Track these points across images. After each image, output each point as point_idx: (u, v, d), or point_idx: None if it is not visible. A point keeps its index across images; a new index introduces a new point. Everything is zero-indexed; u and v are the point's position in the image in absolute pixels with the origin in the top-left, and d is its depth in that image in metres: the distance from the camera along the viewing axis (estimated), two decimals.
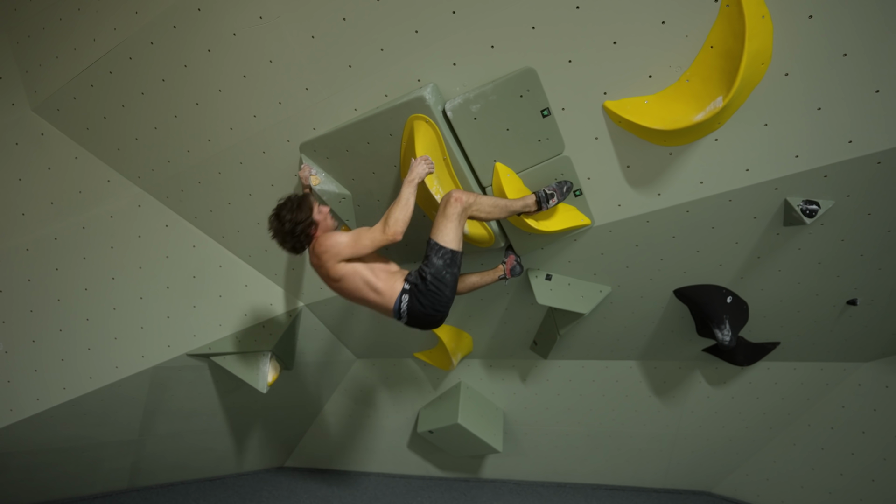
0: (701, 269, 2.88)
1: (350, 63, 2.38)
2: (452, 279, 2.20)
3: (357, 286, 2.26)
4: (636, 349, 3.73)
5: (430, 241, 2.21)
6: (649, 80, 2.12)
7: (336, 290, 2.37)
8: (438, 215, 2.20)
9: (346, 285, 2.27)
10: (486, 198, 2.26)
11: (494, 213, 2.27)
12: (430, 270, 2.18)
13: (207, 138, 2.85)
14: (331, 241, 2.23)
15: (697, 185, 2.37)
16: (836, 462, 3.84)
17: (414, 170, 2.22)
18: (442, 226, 2.18)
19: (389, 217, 2.16)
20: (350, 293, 2.30)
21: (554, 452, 4.64)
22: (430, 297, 2.20)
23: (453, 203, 2.17)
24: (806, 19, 1.86)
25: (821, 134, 2.10)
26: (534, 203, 2.34)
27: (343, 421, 4.82)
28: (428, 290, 2.19)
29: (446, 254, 2.17)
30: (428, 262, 2.19)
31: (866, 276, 2.74)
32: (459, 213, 2.17)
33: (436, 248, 2.18)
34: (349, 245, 2.21)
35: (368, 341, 3.95)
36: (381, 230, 2.17)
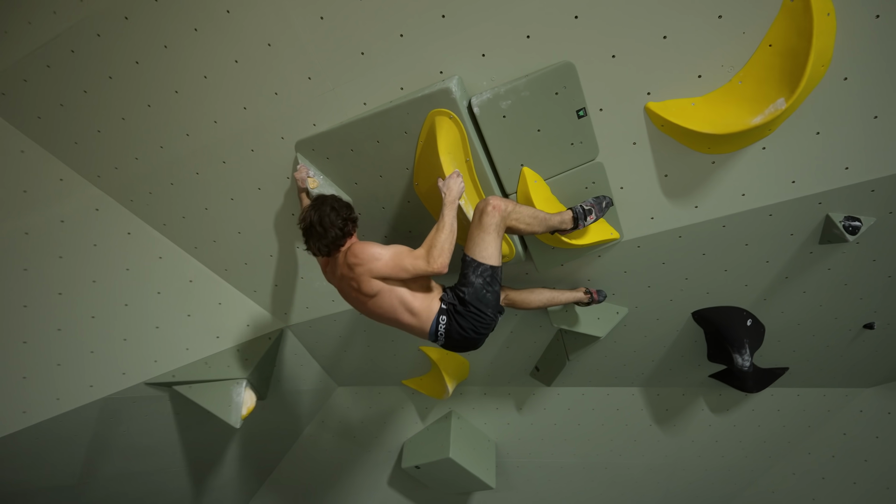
0: (725, 290, 2.71)
1: (363, 50, 2.10)
2: (494, 298, 1.96)
3: (392, 305, 1.98)
4: (641, 375, 3.53)
5: (465, 258, 1.97)
6: (698, 80, 1.95)
7: (360, 306, 2.06)
8: (473, 227, 1.96)
9: (379, 303, 1.99)
10: (526, 207, 2.02)
11: (533, 226, 2.03)
12: (468, 290, 1.94)
13: (186, 132, 2.48)
14: (368, 253, 1.93)
15: (739, 198, 2.20)
16: (838, 492, 3.73)
17: (453, 188, 1.98)
18: (479, 239, 1.93)
19: (434, 246, 1.90)
20: (381, 312, 2.02)
21: (547, 486, 4.35)
22: (470, 320, 1.96)
23: (490, 212, 1.92)
24: (872, 19, 1.74)
25: (874, 144, 1.98)
26: (570, 220, 2.14)
27: (317, 456, 4.36)
28: (468, 311, 1.95)
29: (485, 271, 1.92)
30: (465, 281, 1.95)
31: (888, 298, 2.64)
32: (498, 224, 1.93)
33: (473, 266, 1.93)
34: (388, 264, 1.93)
35: (354, 367, 3.57)
36: (424, 260, 1.90)
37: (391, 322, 2.05)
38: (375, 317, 2.08)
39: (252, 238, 2.79)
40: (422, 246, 1.93)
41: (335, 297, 2.96)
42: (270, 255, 2.86)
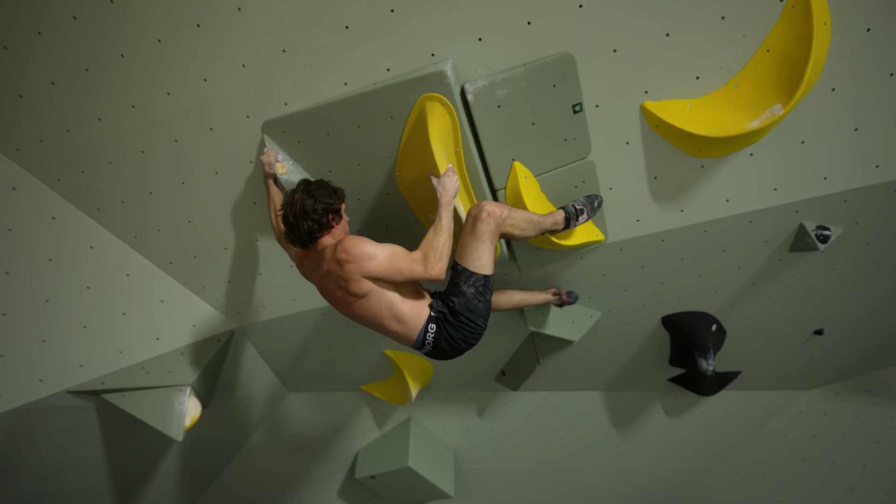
0: (696, 295, 2.74)
1: (348, 24, 1.91)
2: (485, 308, 1.84)
3: (379, 310, 1.80)
4: (604, 379, 3.53)
5: (457, 267, 1.84)
6: (696, 81, 1.93)
7: (343, 307, 1.87)
8: (466, 234, 1.84)
9: (365, 306, 1.80)
10: (520, 212, 1.92)
11: (527, 231, 1.94)
12: (459, 300, 1.81)
13: (131, 104, 2.17)
14: (361, 250, 1.73)
15: (723, 203, 2.21)
16: (778, 489, 3.91)
17: (449, 188, 1.86)
18: (472, 247, 1.81)
19: (433, 250, 1.76)
20: (366, 316, 1.83)
21: (503, 493, 4.28)
22: (460, 330, 1.83)
23: (485, 219, 1.81)
24: (863, 32, 1.78)
25: (852, 156, 2.04)
26: (563, 220, 2.06)
27: (262, 468, 4.04)
28: (459, 322, 1.82)
29: (478, 280, 1.81)
30: (456, 291, 1.82)
31: (840, 306, 2.78)
32: (493, 231, 1.82)
33: (465, 275, 1.81)
34: (382, 265, 1.74)
35: (310, 371, 3.32)
36: (422, 264, 1.75)
37: (376, 327, 1.88)
38: (358, 319, 1.90)
39: (204, 228, 2.50)
40: (418, 249, 1.78)
41: (297, 296, 2.72)
42: (225, 248, 2.57)
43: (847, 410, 3.47)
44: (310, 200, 1.78)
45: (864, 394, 3.38)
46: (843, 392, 3.46)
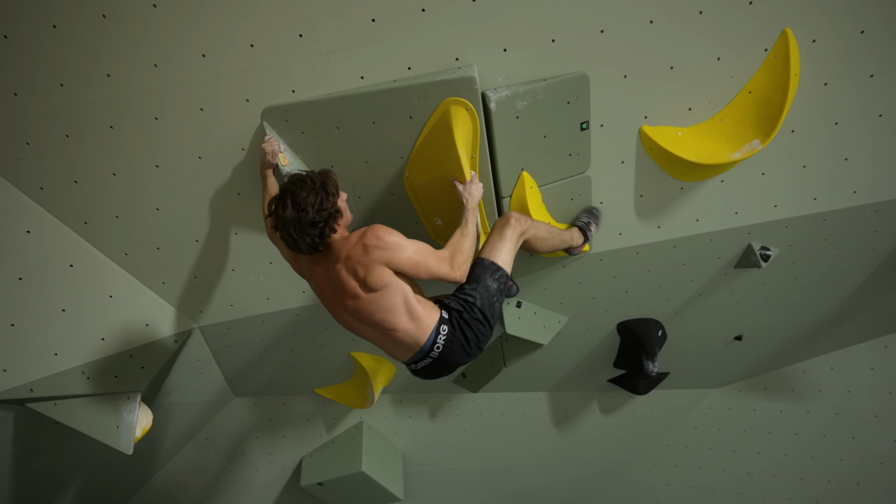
0: (651, 304, 3.02)
1: (375, 17, 1.85)
2: (498, 312, 1.85)
3: (394, 304, 1.68)
4: (554, 380, 3.74)
5: (482, 261, 1.83)
6: (688, 112, 2.14)
7: (346, 300, 1.71)
8: (493, 236, 1.88)
9: (379, 300, 1.67)
10: (542, 224, 2.02)
11: (549, 243, 2.05)
12: (480, 294, 1.78)
13: (106, 72, 1.91)
14: (393, 238, 1.65)
15: (693, 222, 2.47)
16: (686, 477, 4.39)
17: (475, 194, 1.88)
18: (499, 245, 1.84)
19: (460, 251, 1.74)
20: (374, 311, 1.69)
21: (445, 492, 4.35)
22: (475, 330, 1.79)
23: (513, 224, 1.89)
24: (821, 86, 2.10)
25: (798, 188, 2.39)
26: (579, 235, 2.22)
27: (189, 481, 3.71)
28: (474, 319, 1.77)
29: (503, 276, 1.82)
30: (478, 286, 1.79)
31: (759, 315, 3.22)
32: (519, 235, 1.89)
33: (492, 269, 1.81)
34: (411, 258, 1.67)
35: (264, 375, 3.12)
36: (448, 264, 1.72)
37: (384, 326, 1.73)
38: (364, 316, 1.74)
39: (174, 217, 2.26)
40: (445, 248, 1.76)
41: (271, 295, 2.55)
42: (196, 241, 2.35)
43: (747, 405, 3.99)
44: (302, 213, 1.60)
45: (760, 391, 3.91)
46: (744, 389, 3.98)
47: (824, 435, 3.74)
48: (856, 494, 3.74)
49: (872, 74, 2.07)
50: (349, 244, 1.67)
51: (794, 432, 3.84)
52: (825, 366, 3.65)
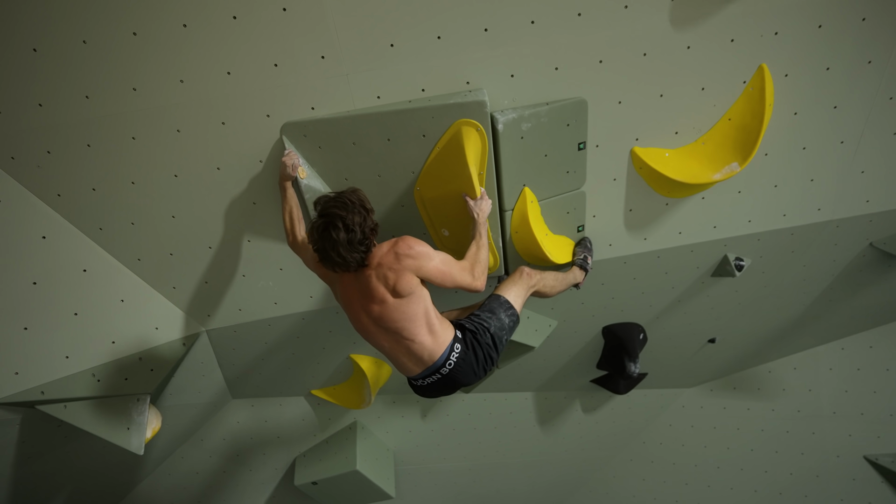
0: (635, 309, 3.23)
1: (393, 42, 1.99)
2: (503, 346, 2.02)
3: (416, 314, 1.82)
4: (539, 381, 3.92)
5: (498, 297, 2.05)
6: (675, 135, 2.35)
7: (372, 305, 1.82)
8: (508, 281, 2.14)
9: (403, 307, 1.80)
10: (549, 273, 2.33)
11: (557, 288, 2.33)
12: (493, 324, 1.97)
13: (132, 86, 1.99)
14: (423, 248, 1.80)
15: (676, 235, 2.68)
16: (660, 472, 4.65)
17: (485, 209, 2.07)
18: (514, 290, 2.09)
19: (479, 262, 1.92)
20: (397, 317, 1.82)
21: (431, 490, 4.48)
22: (485, 353, 1.95)
23: (526, 276, 2.19)
24: (792, 115, 2.33)
25: (769, 206, 2.63)
26: (581, 273, 2.48)
27: (182, 481, 3.75)
28: (486, 343, 1.95)
29: (514, 315, 2.03)
30: (493, 316, 1.99)
31: (731, 320, 3.47)
32: (528, 288, 2.15)
33: (506, 306, 2.02)
34: (438, 268, 1.82)
35: (263, 377, 3.20)
36: (470, 274, 1.89)
37: (398, 332, 1.84)
38: (385, 320, 1.85)
39: (189, 225, 2.34)
40: (465, 260, 1.91)
41: (279, 300, 2.65)
42: (209, 247, 2.43)
43: (717, 404, 4.26)
44: (352, 234, 1.69)
45: (730, 390, 4.18)
46: (715, 389, 4.24)
47: (787, 431, 4.03)
48: (815, 485, 4.05)
49: (836, 106, 2.32)
50: (381, 252, 1.81)
51: (761, 429, 4.12)
52: (789, 366, 3.94)
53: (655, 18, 2.00)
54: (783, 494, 4.10)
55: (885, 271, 3.06)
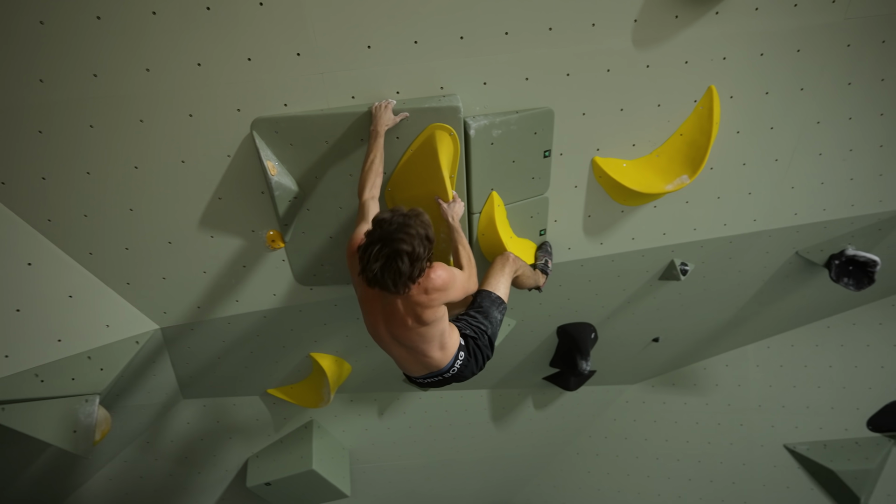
0: (588, 309, 3.39)
1: (371, 44, 2.01)
2: (496, 339, 2.09)
3: (433, 336, 1.82)
4: (495, 378, 4.03)
5: (490, 294, 2.09)
6: (632, 147, 2.50)
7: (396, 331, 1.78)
8: (496, 270, 2.18)
9: (424, 333, 1.78)
10: (526, 264, 2.41)
11: (529, 280, 2.43)
12: (489, 325, 2.03)
13: (93, 72, 1.90)
14: (447, 279, 1.72)
15: (630, 240, 2.85)
16: (604, 464, 4.89)
17: (459, 212, 2.14)
18: (501, 280, 2.15)
19: (469, 266, 1.98)
20: (417, 340, 1.80)
21: (387, 488, 4.51)
22: (483, 354, 2.03)
23: (511, 262, 2.26)
24: (735, 133, 2.55)
25: (712, 216, 2.85)
26: (542, 276, 2.59)
27: (124, 486, 3.58)
28: (485, 345, 2.02)
29: (504, 308, 2.10)
30: (489, 316, 2.04)
31: (674, 321, 3.72)
32: (513, 273, 2.21)
33: (498, 302, 2.07)
34: (458, 289, 1.81)
35: (219, 376, 3.12)
36: (474, 283, 1.95)
37: (413, 349, 1.84)
38: (403, 340, 1.81)
39: (149, 218, 2.25)
40: (464, 269, 1.95)
41: (241, 298, 2.60)
42: (169, 242, 2.34)
43: (658, 399, 4.53)
44: (412, 268, 1.54)
45: (670, 386, 4.47)
46: (656, 385, 4.52)
47: (718, 423, 4.35)
48: (741, 473, 4.40)
49: (772, 127, 2.55)
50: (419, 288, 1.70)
51: (696, 421, 4.43)
52: (721, 363, 4.26)
53: (619, 38, 2.13)
54: (714, 482, 4.42)
55: (807, 278, 3.39)
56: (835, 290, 3.21)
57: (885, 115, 2.55)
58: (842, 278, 3.11)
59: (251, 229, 2.39)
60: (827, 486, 4.15)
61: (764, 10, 2.14)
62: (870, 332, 3.94)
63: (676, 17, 2.11)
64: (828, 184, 2.79)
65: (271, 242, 2.42)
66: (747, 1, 2.11)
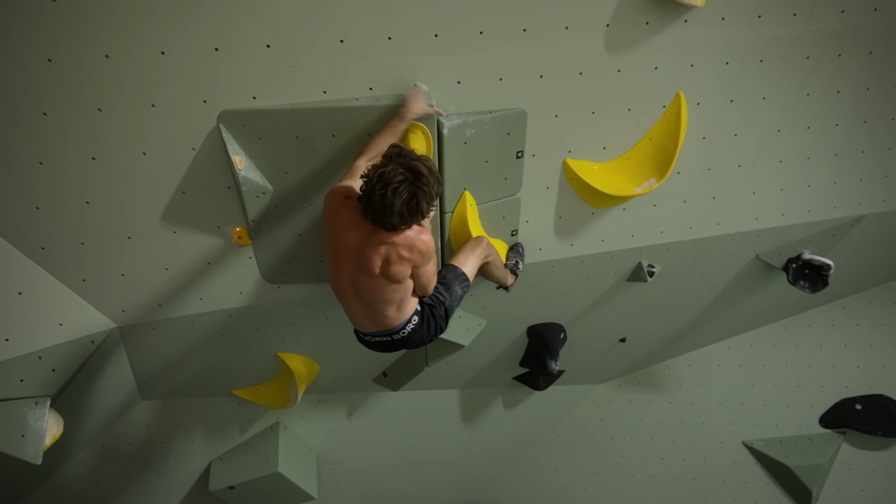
0: (558, 310, 3.43)
1: (344, 38, 1.97)
2: (452, 314, 2.08)
3: (393, 298, 1.87)
4: (465, 378, 4.04)
5: (455, 269, 2.07)
6: (603, 150, 2.54)
7: (358, 273, 1.81)
8: (468, 249, 2.16)
9: (386, 288, 1.83)
10: (498, 256, 2.42)
11: (499, 271, 2.41)
12: (448, 297, 2.03)
13: (47, 56, 1.80)
14: (432, 250, 1.82)
15: (599, 242, 2.90)
16: (571, 463, 4.96)
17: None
18: (470, 259, 2.13)
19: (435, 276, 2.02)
20: (376, 295, 1.86)
21: (355, 489, 4.46)
22: (437, 324, 2.04)
23: (484, 246, 2.26)
24: (701, 139, 2.62)
25: (678, 219, 2.92)
26: (512, 276, 2.60)
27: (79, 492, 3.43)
28: (440, 315, 2.03)
29: (466, 286, 2.09)
30: (449, 289, 2.03)
31: (640, 322, 3.80)
32: (484, 258, 2.19)
33: (462, 278, 2.07)
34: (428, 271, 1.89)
35: (181, 377, 3.02)
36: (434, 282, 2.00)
37: (370, 304, 1.89)
38: (362, 291, 1.86)
39: (107, 212, 2.16)
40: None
41: (205, 296, 2.52)
42: (128, 238, 2.25)
43: (624, 398, 4.63)
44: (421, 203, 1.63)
45: (635, 385, 4.57)
46: (622, 384, 4.61)
47: (681, 421, 4.47)
48: (702, 470, 4.53)
49: (736, 134, 2.63)
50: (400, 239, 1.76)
51: (660, 420, 4.54)
52: (685, 363, 4.38)
53: (592, 41, 2.16)
54: (676, 479, 4.54)
55: (766, 281, 3.51)
56: (791, 292, 3.34)
57: (840, 126, 2.67)
58: (798, 281, 3.23)
59: (217, 225, 2.31)
60: (782, 480, 4.32)
61: (729, 20, 2.20)
62: (823, 333, 4.13)
63: (647, 24, 2.15)
64: (787, 190, 2.89)
65: (238, 239, 2.35)
66: (714, 10, 2.17)
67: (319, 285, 2.65)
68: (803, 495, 4.21)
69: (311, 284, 2.65)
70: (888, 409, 4.05)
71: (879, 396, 4.09)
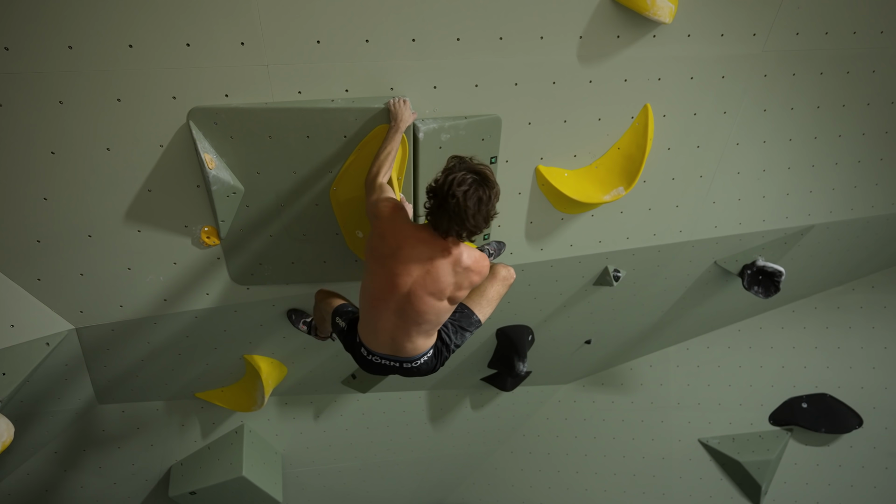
0: (527, 312, 3.50)
1: (320, 39, 1.95)
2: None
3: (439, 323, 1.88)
4: (433, 379, 4.06)
5: (470, 313, 2.06)
6: (573, 158, 2.60)
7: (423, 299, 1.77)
8: (495, 294, 2.10)
9: (441, 313, 1.85)
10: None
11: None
12: (456, 341, 2.04)
13: (4, 45, 1.72)
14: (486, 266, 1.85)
15: (568, 247, 2.97)
16: (537, 462, 5.06)
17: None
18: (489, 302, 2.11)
19: None
20: (426, 318, 1.83)
21: (321, 492, 4.42)
22: (440, 362, 2.05)
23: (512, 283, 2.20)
24: (666, 150, 2.72)
25: (643, 226, 3.02)
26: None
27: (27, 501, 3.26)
28: (446, 357, 2.04)
29: (473, 332, 2.09)
30: (459, 333, 2.05)
31: (605, 324, 3.92)
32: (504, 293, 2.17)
33: (475, 324, 2.07)
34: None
35: (141, 380, 2.92)
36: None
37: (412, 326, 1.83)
38: (418, 312, 1.79)
39: (66, 209, 2.07)
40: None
41: (169, 296, 2.44)
42: (89, 236, 2.16)
43: (588, 398, 4.75)
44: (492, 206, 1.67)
45: (599, 385, 4.69)
46: (587, 385, 4.73)
47: (642, 420, 4.62)
48: (661, 467, 4.70)
49: (699, 146, 2.75)
50: (474, 258, 1.80)
51: (622, 419, 4.67)
52: (646, 364, 4.53)
53: (565, 52, 2.21)
54: (636, 476, 4.69)
55: (723, 286, 3.68)
56: (746, 297, 3.51)
57: (793, 141, 2.82)
58: (752, 286, 3.40)
59: (184, 224, 2.25)
60: (734, 475, 4.53)
61: (695, 37, 2.30)
62: (773, 335, 4.35)
63: (618, 37, 2.22)
64: (744, 200, 3.04)
65: (206, 239, 2.30)
66: (681, 27, 2.26)
67: (289, 287, 2.62)
68: (753, 489, 4.43)
69: (281, 286, 2.61)
70: (831, 407, 4.31)
71: (823, 395, 4.35)
